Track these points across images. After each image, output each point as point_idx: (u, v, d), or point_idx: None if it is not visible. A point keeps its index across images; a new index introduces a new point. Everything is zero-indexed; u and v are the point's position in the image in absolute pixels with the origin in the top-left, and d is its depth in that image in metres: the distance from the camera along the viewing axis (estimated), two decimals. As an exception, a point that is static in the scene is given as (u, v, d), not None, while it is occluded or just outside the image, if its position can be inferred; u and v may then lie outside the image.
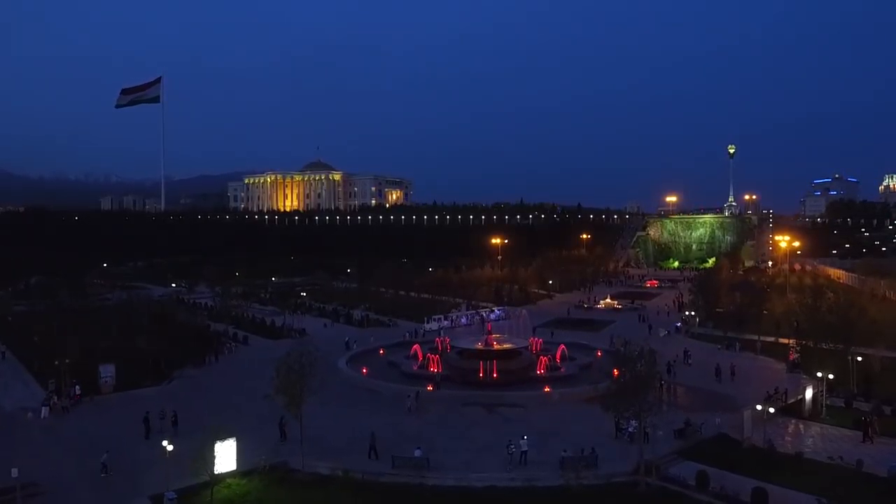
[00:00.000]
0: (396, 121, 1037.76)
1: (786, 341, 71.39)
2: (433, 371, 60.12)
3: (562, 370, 60.65)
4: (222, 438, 34.71)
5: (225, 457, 34.91)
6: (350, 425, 45.01)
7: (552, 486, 34.91)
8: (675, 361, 60.73)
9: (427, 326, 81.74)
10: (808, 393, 47.80)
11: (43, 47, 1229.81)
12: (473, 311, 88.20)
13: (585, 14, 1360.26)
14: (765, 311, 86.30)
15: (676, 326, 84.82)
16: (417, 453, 37.03)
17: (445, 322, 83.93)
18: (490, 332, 65.47)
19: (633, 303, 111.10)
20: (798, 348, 62.56)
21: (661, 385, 48.42)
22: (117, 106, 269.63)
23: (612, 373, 40.51)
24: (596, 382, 53.02)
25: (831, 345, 52.50)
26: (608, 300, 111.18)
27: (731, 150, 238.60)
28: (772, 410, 43.44)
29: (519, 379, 56.88)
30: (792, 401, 49.65)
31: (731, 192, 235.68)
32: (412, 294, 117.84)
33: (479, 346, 61.17)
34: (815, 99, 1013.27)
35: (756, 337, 72.85)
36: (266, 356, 60.67)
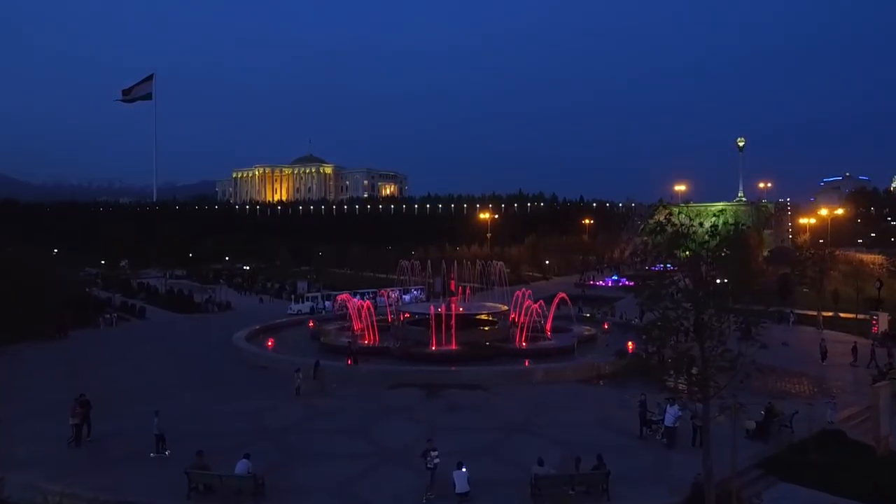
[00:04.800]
0: (393, 119, 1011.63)
1: (848, 315, 58.00)
2: (367, 343, 41.67)
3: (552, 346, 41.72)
4: None
5: None
6: (191, 416, 26.49)
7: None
8: None
9: (294, 308, 61.71)
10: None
11: (44, 49, 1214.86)
12: (376, 291, 66.23)
13: (588, 17, 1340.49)
14: (805, 289, 68.53)
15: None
16: (241, 468, 18.37)
17: (327, 303, 63.72)
18: (454, 294, 47.10)
19: (644, 281, 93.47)
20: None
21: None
22: (116, 101, 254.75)
23: (627, 347, 32.21)
24: (605, 357, 35.22)
25: None
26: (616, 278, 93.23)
27: (741, 143, 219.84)
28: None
29: (488, 353, 38.34)
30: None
31: (741, 187, 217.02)
32: (381, 275, 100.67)
33: (441, 310, 42.83)
34: (823, 100, 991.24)
35: (814, 312, 55.75)
36: (149, 333, 51.42)
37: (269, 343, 43.79)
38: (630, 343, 42.24)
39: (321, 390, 30.46)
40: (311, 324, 52.10)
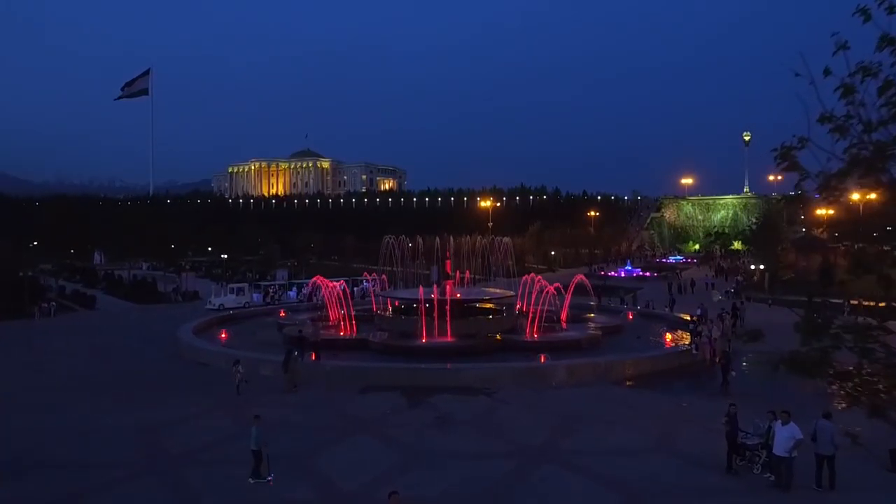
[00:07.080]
0: (393, 115, 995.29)
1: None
2: (342, 335, 33.81)
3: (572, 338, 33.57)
4: None
5: None
6: (68, 433, 18.60)
7: None
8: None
9: (215, 301, 51.49)
10: None
11: (43, 44, 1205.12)
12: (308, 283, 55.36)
13: (590, 11, 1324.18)
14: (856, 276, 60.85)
15: (733, 289, 58.98)
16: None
17: (256, 295, 54.87)
18: (449, 277, 39.32)
19: (660, 272, 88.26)
20: None
21: None
22: (116, 99, 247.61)
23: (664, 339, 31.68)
24: (643, 351, 27.58)
25: None
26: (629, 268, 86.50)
27: (747, 138, 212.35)
28: None
29: (491, 346, 30.40)
30: None
31: (747, 182, 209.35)
32: (373, 266, 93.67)
33: (433, 296, 34.99)
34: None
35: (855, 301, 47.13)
36: (90, 324, 44.18)
37: (223, 336, 35.84)
38: (668, 334, 34.70)
39: (294, 388, 22.82)
40: (282, 314, 44.30)
